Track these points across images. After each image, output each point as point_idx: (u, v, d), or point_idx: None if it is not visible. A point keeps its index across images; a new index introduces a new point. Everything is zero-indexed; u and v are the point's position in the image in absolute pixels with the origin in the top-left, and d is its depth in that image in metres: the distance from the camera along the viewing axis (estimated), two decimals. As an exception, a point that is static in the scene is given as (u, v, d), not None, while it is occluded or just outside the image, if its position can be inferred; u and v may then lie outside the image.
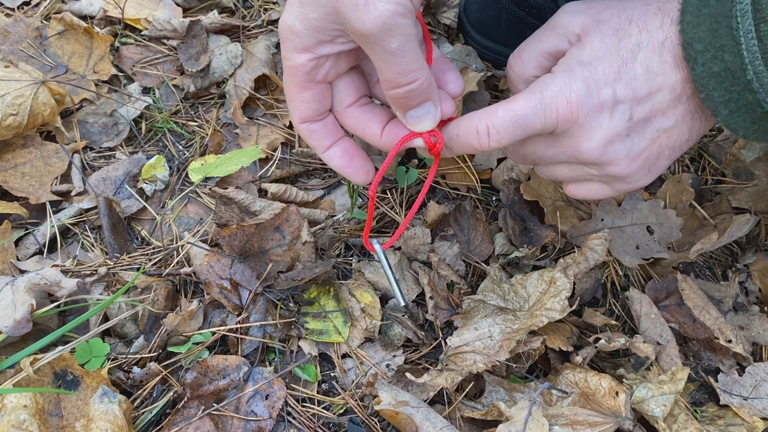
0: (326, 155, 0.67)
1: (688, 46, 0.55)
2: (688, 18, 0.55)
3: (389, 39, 0.54)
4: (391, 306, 0.89)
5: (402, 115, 0.63)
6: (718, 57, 0.54)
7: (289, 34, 0.58)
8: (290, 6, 0.57)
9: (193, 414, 0.77)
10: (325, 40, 0.58)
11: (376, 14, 0.52)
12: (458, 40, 1.18)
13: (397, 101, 0.61)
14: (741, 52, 0.52)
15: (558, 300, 0.81)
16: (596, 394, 0.78)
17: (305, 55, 0.59)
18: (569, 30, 0.64)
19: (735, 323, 0.93)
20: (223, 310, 0.87)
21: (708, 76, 0.55)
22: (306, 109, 0.63)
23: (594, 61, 0.59)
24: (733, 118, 0.57)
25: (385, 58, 0.56)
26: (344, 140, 0.67)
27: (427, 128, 0.64)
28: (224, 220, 0.93)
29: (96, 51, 1.11)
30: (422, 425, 0.75)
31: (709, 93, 0.56)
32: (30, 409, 0.69)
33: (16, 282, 0.80)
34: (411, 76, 0.58)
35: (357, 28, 0.54)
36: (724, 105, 0.56)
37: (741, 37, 0.52)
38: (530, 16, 1.09)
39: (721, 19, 0.52)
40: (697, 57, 0.55)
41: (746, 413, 0.83)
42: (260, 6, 1.22)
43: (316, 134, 0.65)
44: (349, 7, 0.53)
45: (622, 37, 0.59)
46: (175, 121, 1.08)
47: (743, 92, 0.54)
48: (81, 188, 0.98)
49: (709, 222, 1.02)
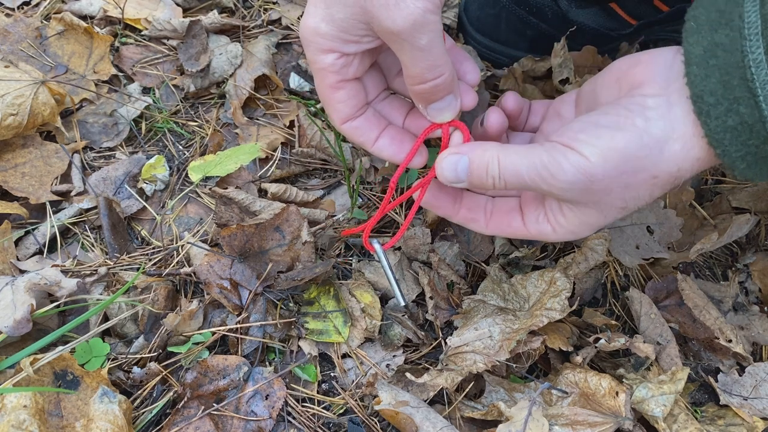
0: (375, 148, 0.66)
1: (698, 99, 0.52)
2: (695, 70, 0.52)
3: (419, 36, 0.54)
4: (391, 306, 0.89)
5: (423, 108, 0.64)
6: (732, 110, 0.50)
7: (314, 36, 0.58)
8: (314, 8, 0.57)
9: (193, 414, 0.78)
10: (352, 39, 0.58)
11: (407, 12, 0.53)
12: (458, 39, 1.18)
13: (422, 95, 0.61)
14: (759, 105, 0.49)
15: (558, 300, 0.81)
16: (596, 394, 0.78)
17: (332, 54, 0.59)
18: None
19: (735, 323, 0.93)
20: (223, 310, 0.87)
21: (723, 130, 0.52)
22: (344, 108, 0.63)
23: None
24: (750, 170, 0.54)
25: (413, 55, 0.56)
26: (390, 128, 0.67)
27: (448, 119, 0.65)
28: (224, 220, 0.93)
29: (96, 51, 1.11)
30: (422, 425, 0.75)
31: (726, 148, 0.52)
32: (30, 409, 0.69)
33: (16, 282, 0.80)
34: (437, 71, 0.58)
35: (388, 26, 0.54)
36: (741, 159, 0.53)
37: (758, 88, 0.48)
38: (530, 15, 1.09)
39: (733, 71, 0.49)
40: (710, 110, 0.51)
41: (746, 413, 0.83)
42: (260, 6, 1.22)
43: (360, 130, 0.65)
44: (378, 6, 0.53)
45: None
46: (175, 121, 1.08)
47: (763, 145, 0.51)
48: (81, 188, 0.98)
49: (709, 222, 1.02)
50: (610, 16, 1.10)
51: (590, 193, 0.56)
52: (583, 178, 0.55)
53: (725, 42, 0.50)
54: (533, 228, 0.64)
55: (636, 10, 1.09)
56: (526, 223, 0.65)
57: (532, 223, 0.65)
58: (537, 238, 0.66)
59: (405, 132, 0.69)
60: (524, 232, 0.66)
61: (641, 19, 1.09)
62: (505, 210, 0.68)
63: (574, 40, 1.07)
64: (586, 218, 0.60)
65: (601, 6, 1.09)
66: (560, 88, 1.04)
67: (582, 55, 1.09)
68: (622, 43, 1.13)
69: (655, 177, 0.55)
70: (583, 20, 1.09)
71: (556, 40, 1.03)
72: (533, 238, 0.66)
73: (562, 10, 1.08)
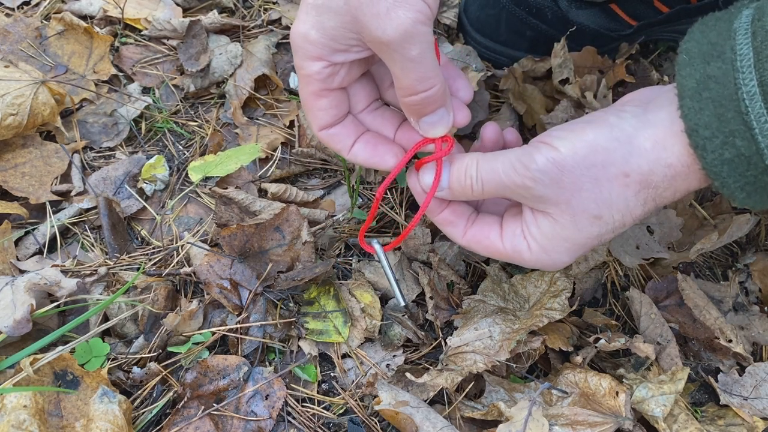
0: (351, 154, 0.66)
1: (694, 133, 0.52)
2: (688, 103, 0.51)
3: (409, 47, 0.54)
4: (391, 306, 0.89)
5: (415, 122, 0.64)
6: (728, 143, 0.50)
7: (304, 43, 0.58)
8: (304, 15, 0.57)
9: (193, 414, 0.77)
10: (341, 48, 0.58)
11: (398, 22, 0.53)
12: (458, 39, 1.18)
13: (413, 108, 0.61)
14: (755, 137, 0.49)
15: (558, 300, 0.81)
16: (596, 394, 0.78)
17: (320, 63, 0.59)
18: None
19: (735, 323, 0.93)
20: (223, 310, 0.87)
21: (720, 163, 0.51)
22: (324, 116, 0.63)
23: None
24: (750, 199, 0.54)
25: (404, 66, 0.56)
26: (366, 134, 0.67)
27: (440, 134, 0.64)
28: (224, 220, 0.93)
29: (96, 51, 1.11)
30: (422, 425, 0.75)
31: (724, 180, 0.52)
32: (30, 409, 0.69)
33: (16, 282, 0.80)
34: (428, 83, 0.58)
35: (377, 36, 0.54)
36: (740, 189, 0.53)
37: (753, 121, 0.48)
38: (530, 16, 1.09)
39: (727, 103, 0.49)
40: (705, 144, 0.51)
41: (746, 413, 0.83)
42: (260, 6, 1.22)
43: (337, 137, 0.65)
44: (369, 15, 0.53)
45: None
46: (175, 121, 1.08)
47: (761, 176, 0.51)
48: (81, 188, 0.98)
49: (709, 222, 1.02)
50: (610, 17, 1.10)
51: (561, 188, 0.56)
52: (553, 167, 0.55)
53: (718, 74, 0.50)
54: (509, 243, 0.64)
55: (636, 10, 1.09)
56: (503, 236, 0.65)
57: (508, 238, 0.64)
58: (511, 256, 0.65)
59: (380, 136, 0.68)
60: (499, 246, 0.65)
61: (641, 19, 1.10)
62: (486, 222, 0.68)
63: (574, 41, 1.07)
64: (560, 230, 0.59)
65: (601, 7, 1.09)
66: (560, 88, 1.04)
67: (582, 55, 1.09)
68: (622, 44, 1.13)
69: (626, 175, 0.55)
70: (583, 21, 1.09)
71: (556, 40, 1.03)
72: (507, 257, 0.65)
73: (562, 11, 1.08)
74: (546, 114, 1.03)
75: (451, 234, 0.69)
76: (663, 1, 1.07)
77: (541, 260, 0.62)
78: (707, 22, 0.54)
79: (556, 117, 1.01)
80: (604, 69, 1.11)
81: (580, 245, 0.60)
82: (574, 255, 0.61)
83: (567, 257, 0.61)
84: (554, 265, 0.63)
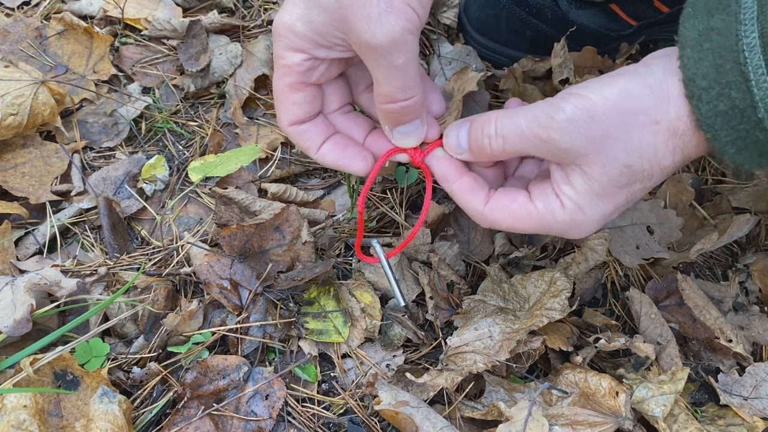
0: (319, 154, 0.66)
1: (690, 83, 0.51)
2: (689, 53, 0.51)
3: (396, 54, 0.54)
4: (391, 306, 0.89)
5: (389, 130, 0.64)
6: (724, 94, 0.50)
7: (287, 33, 0.58)
8: (292, 6, 0.57)
9: (193, 414, 0.77)
10: (325, 45, 0.58)
11: (388, 28, 0.53)
12: (458, 39, 1.18)
13: (389, 115, 0.61)
14: (751, 89, 0.48)
15: (558, 300, 0.81)
16: (596, 394, 0.78)
17: (301, 54, 0.59)
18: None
19: (735, 323, 0.93)
20: (223, 310, 0.87)
21: (714, 115, 0.51)
22: (297, 111, 0.63)
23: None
24: (740, 155, 0.53)
25: (388, 72, 0.56)
26: (335, 135, 0.66)
27: (412, 145, 0.65)
28: (224, 220, 0.93)
29: (96, 51, 1.11)
30: (422, 425, 0.75)
31: (716, 133, 0.52)
32: (30, 409, 0.69)
33: (16, 282, 0.80)
34: (409, 93, 0.58)
35: (366, 40, 0.54)
36: (731, 144, 0.52)
37: (750, 72, 0.48)
38: (530, 16, 1.09)
39: (726, 54, 0.49)
40: (701, 94, 0.51)
41: (746, 413, 0.83)
42: (260, 6, 1.22)
43: (307, 134, 0.64)
44: (359, 17, 0.53)
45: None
46: (175, 121, 1.08)
47: (753, 130, 0.51)
48: (81, 188, 0.98)
49: (709, 222, 1.02)
50: (610, 17, 1.10)
51: (589, 137, 0.54)
52: (582, 115, 0.53)
53: (720, 26, 0.50)
54: (540, 203, 0.59)
55: (636, 10, 1.09)
56: (533, 197, 0.60)
57: (539, 197, 0.60)
58: (542, 217, 0.60)
59: (350, 139, 0.68)
60: (530, 207, 0.60)
61: (641, 20, 1.10)
62: (511, 189, 0.63)
63: (574, 41, 1.07)
64: (592, 183, 0.56)
65: (601, 7, 1.09)
66: (560, 88, 1.04)
67: (582, 55, 1.09)
68: (622, 44, 1.13)
69: (656, 122, 0.54)
70: (583, 21, 1.09)
71: (556, 40, 1.03)
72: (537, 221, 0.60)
73: (562, 11, 1.08)
74: (546, 114, 1.03)
75: (471, 203, 0.63)
76: (663, 1, 1.07)
77: (576, 219, 0.58)
78: None
79: (556, 117, 1.01)
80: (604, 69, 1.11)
81: (612, 201, 0.58)
82: (607, 214, 0.59)
83: (600, 215, 0.58)
84: (588, 225, 0.59)
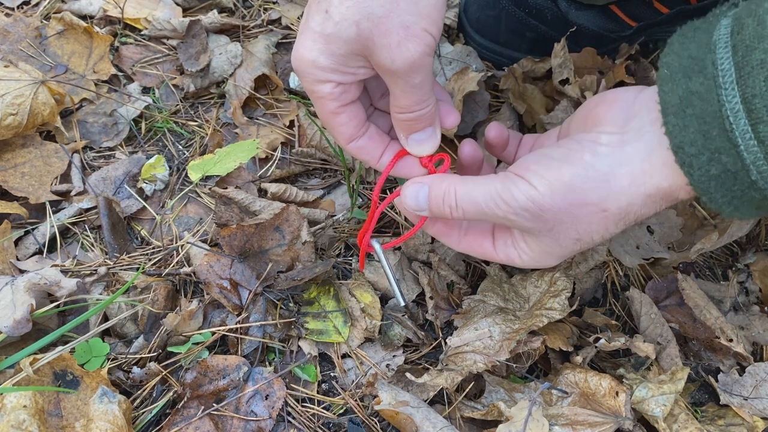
0: (380, 164, 0.69)
1: (680, 150, 0.51)
2: (672, 120, 0.51)
3: (415, 75, 0.57)
4: (391, 306, 0.89)
5: (405, 138, 0.66)
6: (714, 159, 0.50)
7: (312, 69, 0.59)
8: (311, 42, 0.58)
9: (193, 414, 0.77)
10: (349, 72, 0.60)
11: (407, 54, 0.55)
12: (458, 40, 1.18)
13: (404, 124, 0.64)
14: (741, 154, 0.48)
15: (558, 300, 0.81)
16: (596, 394, 0.78)
17: (330, 84, 0.60)
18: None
19: (735, 323, 0.93)
20: (223, 310, 0.87)
21: (707, 179, 0.51)
22: (347, 129, 0.65)
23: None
24: (738, 211, 0.54)
25: (405, 90, 0.59)
26: (392, 144, 0.69)
27: (427, 152, 0.67)
28: (224, 220, 0.93)
29: (96, 51, 1.11)
30: (422, 425, 0.75)
31: (712, 195, 0.52)
32: (30, 409, 0.69)
33: (15, 282, 0.80)
34: (424, 104, 0.61)
35: (386, 65, 0.56)
36: (727, 204, 0.53)
37: (737, 138, 0.48)
38: (530, 17, 1.09)
39: (711, 120, 0.49)
40: (692, 161, 0.51)
41: (746, 413, 0.83)
42: (260, 6, 1.22)
43: (365, 149, 0.67)
44: (379, 45, 0.55)
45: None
46: (175, 120, 1.07)
47: (748, 191, 0.51)
48: (81, 188, 0.98)
49: (710, 222, 1.02)
50: (610, 18, 1.10)
51: (543, 222, 0.59)
52: (533, 206, 0.58)
53: (701, 90, 0.49)
54: (502, 252, 0.68)
55: (636, 11, 1.09)
56: (496, 247, 0.69)
57: (501, 247, 0.68)
58: (505, 263, 0.69)
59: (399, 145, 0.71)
60: (493, 254, 0.69)
61: (641, 20, 1.10)
62: (478, 231, 0.71)
63: (573, 42, 1.07)
64: (545, 247, 0.63)
65: (601, 8, 1.09)
66: (560, 88, 1.04)
67: (582, 56, 1.09)
68: (621, 45, 1.13)
69: (604, 210, 0.57)
70: (582, 22, 1.09)
71: (556, 41, 1.03)
72: (502, 263, 0.69)
73: (562, 12, 1.08)
74: (546, 114, 1.03)
75: (447, 243, 0.73)
76: (663, 2, 1.07)
77: (531, 266, 0.68)
78: (686, 33, 0.53)
79: (556, 117, 1.01)
80: (603, 69, 1.11)
81: (566, 255, 0.65)
82: (562, 260, 0.67)
83: (555, 262, 0.67)
84: (541, 267, 0.69)
